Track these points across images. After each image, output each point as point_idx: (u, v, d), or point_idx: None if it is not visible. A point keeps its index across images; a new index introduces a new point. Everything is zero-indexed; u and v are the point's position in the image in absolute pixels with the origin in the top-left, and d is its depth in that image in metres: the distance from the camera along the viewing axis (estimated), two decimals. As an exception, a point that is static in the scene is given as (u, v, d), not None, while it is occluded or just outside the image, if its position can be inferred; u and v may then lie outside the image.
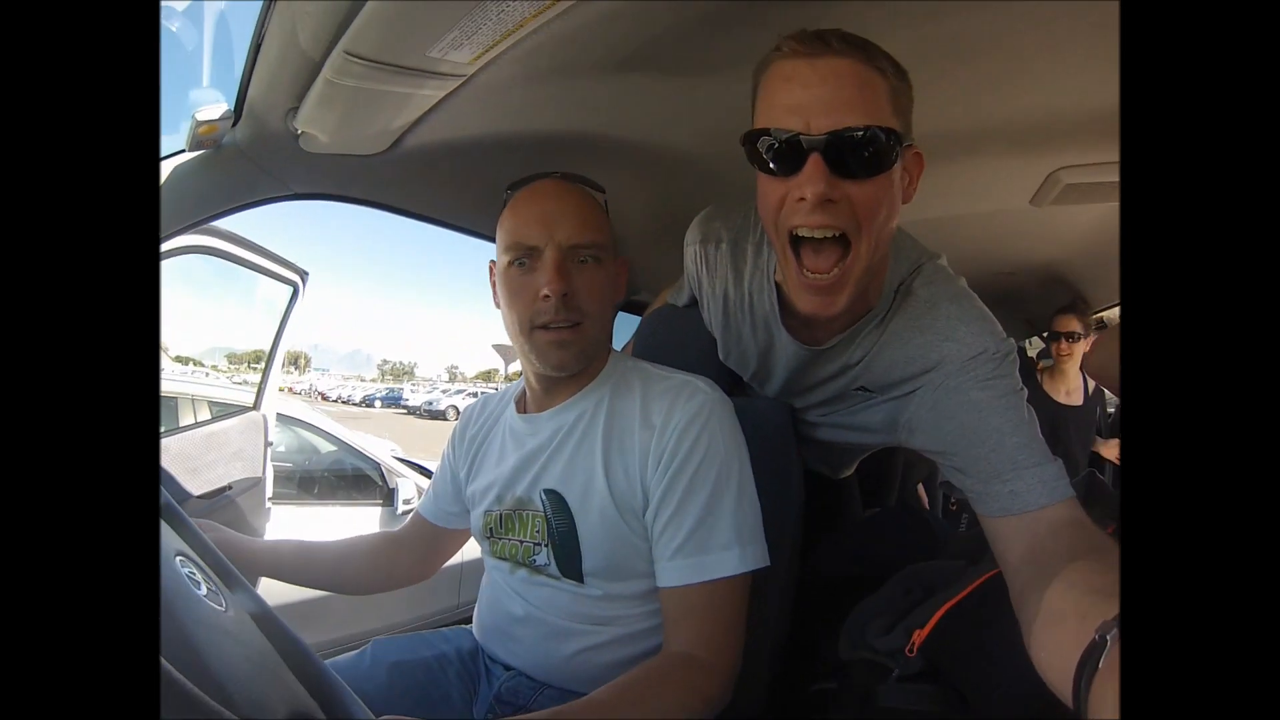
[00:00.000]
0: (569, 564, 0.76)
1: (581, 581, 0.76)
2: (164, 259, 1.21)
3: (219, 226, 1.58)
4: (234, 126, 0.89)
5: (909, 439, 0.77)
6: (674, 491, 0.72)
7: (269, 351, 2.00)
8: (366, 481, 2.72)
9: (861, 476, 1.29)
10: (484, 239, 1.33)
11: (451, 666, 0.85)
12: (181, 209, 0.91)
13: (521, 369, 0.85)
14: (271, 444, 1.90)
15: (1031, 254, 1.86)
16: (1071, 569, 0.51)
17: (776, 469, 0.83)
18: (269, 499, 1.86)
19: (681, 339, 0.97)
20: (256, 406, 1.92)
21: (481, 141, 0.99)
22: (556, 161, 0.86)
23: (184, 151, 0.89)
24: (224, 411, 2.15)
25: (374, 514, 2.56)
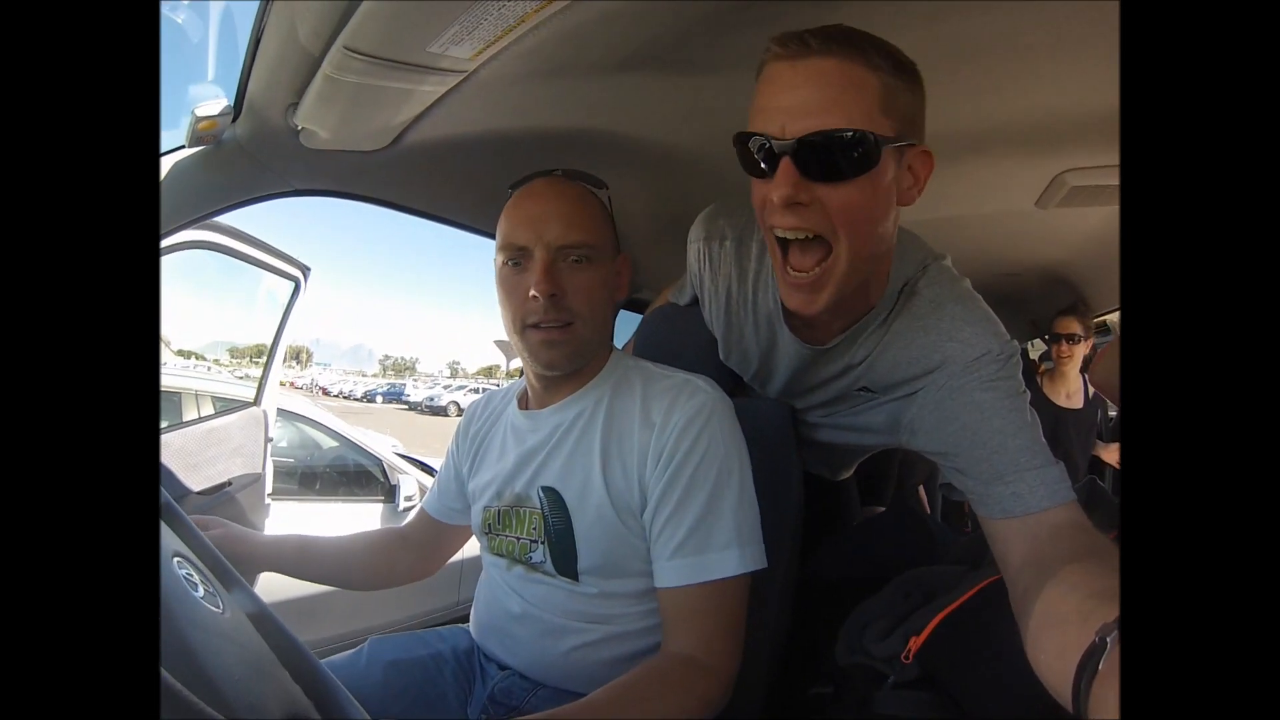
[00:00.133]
0: (565, 561, 0.76)
1: (577, 579, 0.76)
2: (165, 254, 1.21)
3: (221, 222, 1.58)
4: (234, 122, 0.89)
5: (911, 440, 0.76)
6: (673, 490, 0.71)
7: (270, 347, 2.00)
8: (368, 478, 2.71)
9: (859, 478, 1.28)
10: (485, 235, 1.32)
11: (447, 666, 0.85)
12: (181, 205, 0.91)
13: (522, 366, 0.85)
14: (272, 440, 1.91)
15: (1036, 256, 1.85)
16: (1072, 571, 0.51)
17: (776, 470, 0.82)
18: (269, 495, 1.87)
19: (682, 338, 0.97)
20: (257, 402, 1.92)
21: (483, 138, 0.98)
22: (558, 158, 0.85)
23: (184, 147, 0.89)
24: (226, 407, 2.16)
25: (375, 510, 2.55)
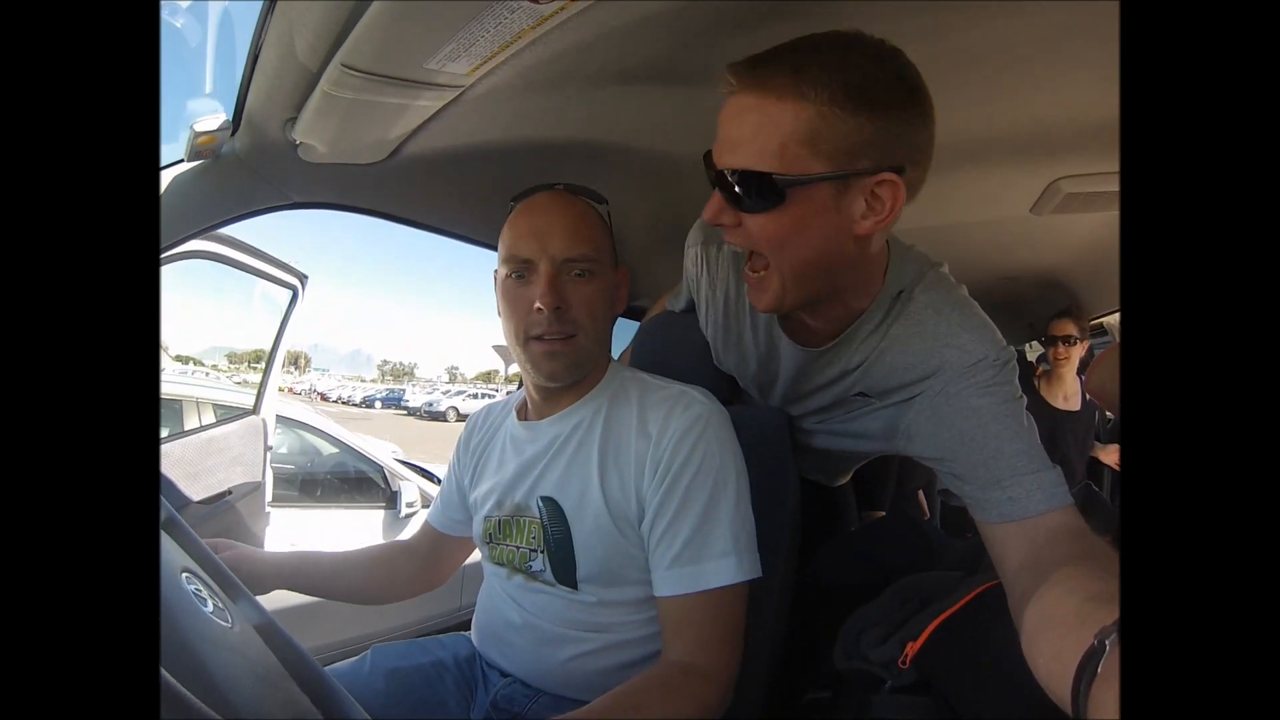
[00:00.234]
0: (564, 571, 0.77)
1: (576, 588, 0.77)
2: (165, 264, 1.21)
3: (219, 231, 1.58)
4: (233, 136, 0.89)
5: (907, 446, 0.77)
6: (670, 500, 0.72)
7: (268, 356, 2.00)
8: (369, 484, 2.69)
9: (857, 483, 1.29)
10: (483, 246, 1.33)
11: (449, 673, 0.85)
12: (181, 218, 0.91)
13: (522, 376, 0.85)
14: (271, 448, 1.91)
15: (1032, 261, 1.86)
16: (1070, 575, 0.51)
17: (773, 477, 0.83)
18: (269, 504, 1.87)
19: (678, 345, 0.97)
20: (256, 410, 1.92)
21: (480, 150, 0.99)
22: (555, 169, 0.86)
23: (183, 161, 0.89)
24: (227, 415, 2.16)
25: (377, 517, 2.53)
